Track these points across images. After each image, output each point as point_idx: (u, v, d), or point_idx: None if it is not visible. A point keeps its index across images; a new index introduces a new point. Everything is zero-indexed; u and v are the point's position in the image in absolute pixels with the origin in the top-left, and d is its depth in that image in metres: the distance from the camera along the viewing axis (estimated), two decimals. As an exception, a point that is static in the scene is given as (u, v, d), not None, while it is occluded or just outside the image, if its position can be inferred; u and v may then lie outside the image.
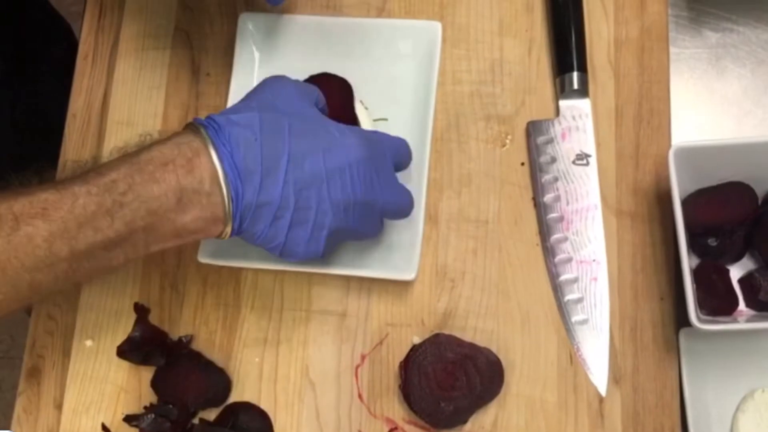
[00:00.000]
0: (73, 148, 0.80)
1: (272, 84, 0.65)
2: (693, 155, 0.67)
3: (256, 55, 0.79)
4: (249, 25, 0.79)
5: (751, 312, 0.70)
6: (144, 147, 0.58)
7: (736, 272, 0.71)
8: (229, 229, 0.59)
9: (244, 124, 0.58)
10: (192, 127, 0.59)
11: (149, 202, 0.55)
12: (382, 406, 0.71)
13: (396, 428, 0.70)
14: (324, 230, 0.61)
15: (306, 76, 0.74)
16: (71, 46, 0.85)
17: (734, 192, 0.69)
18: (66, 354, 0.75)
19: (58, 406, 0.74)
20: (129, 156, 0.57)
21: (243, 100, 0.63)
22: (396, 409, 0.71)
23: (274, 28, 0.79)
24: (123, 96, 0.81)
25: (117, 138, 0.80)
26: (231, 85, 0.77)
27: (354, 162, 0.60)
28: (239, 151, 0.57)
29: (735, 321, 0.68)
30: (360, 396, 0.71)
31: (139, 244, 0.57)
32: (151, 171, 0.56)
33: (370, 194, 0.62)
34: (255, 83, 0.77)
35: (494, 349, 0.70)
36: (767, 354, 0.69)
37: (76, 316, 0.76)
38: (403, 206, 0.66)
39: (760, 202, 0.70)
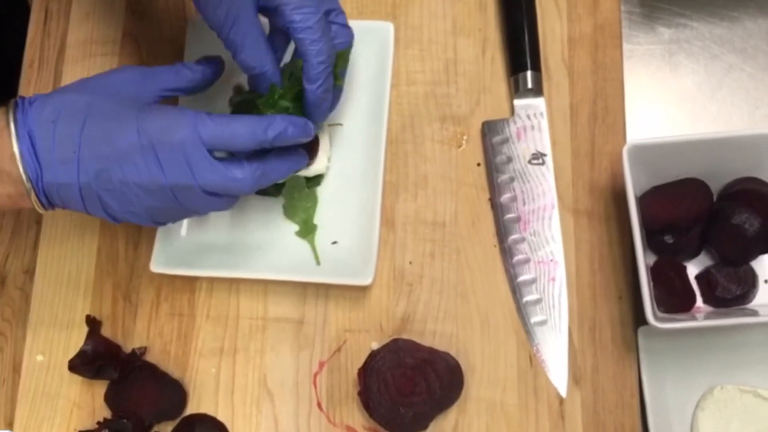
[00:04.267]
0: None
1: (114, 69, 0.65)
2: (647, 153, 0.67)
3: (207, 59, 0.77)
4: (198, 29, 0.77)
5: (709, 308, 0.70)
6: None
7: (693, 269, 0.71)
8: (37, 203, 0.60)
9: (47, 106, 0.59)
10: (6, 105, 0.59)
11: None
12: (341, 414, 0.70)
13: (356, 436, 0.70)
14: (137, 207, 0.60)
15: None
16: None
17: (689, 188, 0.69)
18: (16, 370, 0.73)
19: (9, 424, 0.72)
20: None
21: (78, 82, 0.63)
22: (356, 417, 0.70)
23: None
24: (71, 103, 0.79)
25: (65, 147, 0.78)
26: (181, 91, 0.76)
27: (147, 146, 0.58)
28: (36, 133, 0.58)
29: (693, 318, 0.68)
30: (319, 404, 0.70)
31: None
32: None
33: (176, 178, 0.59)
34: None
35: (453, 353, 0.70)
36: (726, 350, 0.69)
37: (26, 330, 0.74)
38: (227, 187, 0.61)
39: (715, 198, 0.70)
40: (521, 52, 0.74)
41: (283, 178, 0.66)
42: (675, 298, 0.69)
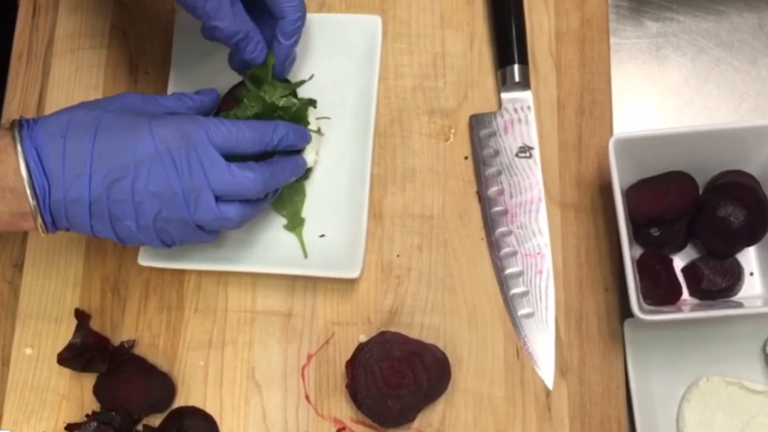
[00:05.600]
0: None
1: (117, 95, 0.65)
2: (633, 146, 0.67)
3: (195, 51, 0.77)
4: (186, 21, 0.77)
5: (695, 301, 0.70)
6: None
7: (679, 261, 0.72)
8: (41, 224, 0.59)
9: (53, 122, 0.59)
10: (7, 125, 0.59)
11: None
12: (329, 407, 0.70)
13: (344, 428, 0.70)
14: (148, 220, 0.60)
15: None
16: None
17: (675, 181, 0.69)
18: (5, 363, 0.73)
19: (-2, 417, 0.72)
20: None
21: (77, 103, 0.63)
22: (344, 409, 0.70)
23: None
24: (59, 97, 0.79)
25: (54, 140, 0.78)
26: (169, 83, 0.76)
27: (163, 151, 0.59)
28: (45, 149, 0.58)
29: (679, 310, 0.68)
30: (307, 397, 0.70)
31: None
32: None
33: (189, 181, 0.59)
34: (193, 80, 0.77)
35: (441, 346, 0.70)
36: (711, 343, 0.70)
37: (15, 323, 0.74)
38: (239, 188, 0.62)
39: (701, 191, 0.71)
40: (508, 45, 0.74)
41: (288, 181, 0.67)
42: (661, 290, 0.69)
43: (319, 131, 0.72)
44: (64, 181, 0.58)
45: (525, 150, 0.74)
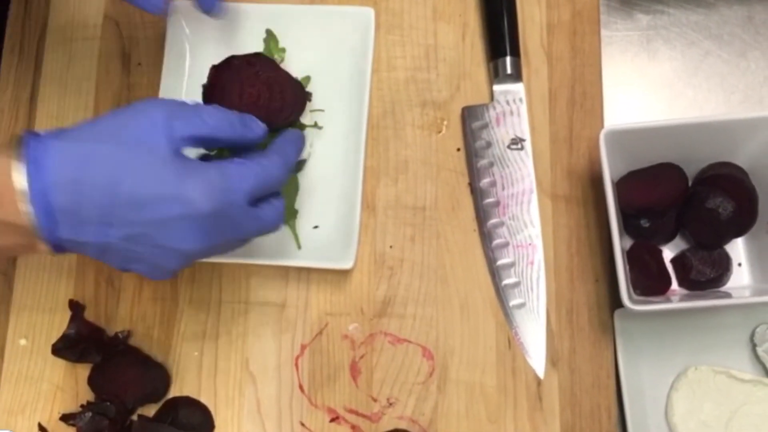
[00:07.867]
0: (0, 143, 0.78)
1: (136, 109, 0.56)
2: (623, 138, 0.67)
3: (188, 43, 0.77)
4: (179, 12, 0.77)
5: (684, 291, 0.71)
6: None
7: (668, 252, 0.72)
8: (49, 253, 0.55)
9: (71, 159, 0.52)
10: (13, 146, 0.52)
11: None
12: (323, 396, 0.71)
13: (337, 417, 0.70)
14: (162, 268, 0.57)
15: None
16: None
17: (665, 173, 0.70)
18: (-1, 354, 0.73)
19: (-7, 408, 0.72)
20: None
21: (92, 121, 0.56)
22: (337, 399, 0.71)
23: (206, 15, 0.77)
24: (52, 89, 0.79)
25: (47, 132, 0.78)
26: (162, 75, 0.76)
27: (193, 215, 0.54)
28: (56, 193, 0.52)
29: (668, 300, 0.69)
30: (301, 387, 0.71)
31: None
32: None
33: (215, 239, 0.56)
34: (187, 72, 0.77)
35: (434, 336, 0.71)
36: (700, 332, 0.71)
37: (9, 314, 0.74)
38: (265, 230, 0.61)
39: (690, 182, 0.71)
40: (501, 37, 0.75)
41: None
42: (651, 281, 0.70)
43: (315, 125, 0.72)
44: (73, 227, 0.53)
45: (517, 142, 0.74)
